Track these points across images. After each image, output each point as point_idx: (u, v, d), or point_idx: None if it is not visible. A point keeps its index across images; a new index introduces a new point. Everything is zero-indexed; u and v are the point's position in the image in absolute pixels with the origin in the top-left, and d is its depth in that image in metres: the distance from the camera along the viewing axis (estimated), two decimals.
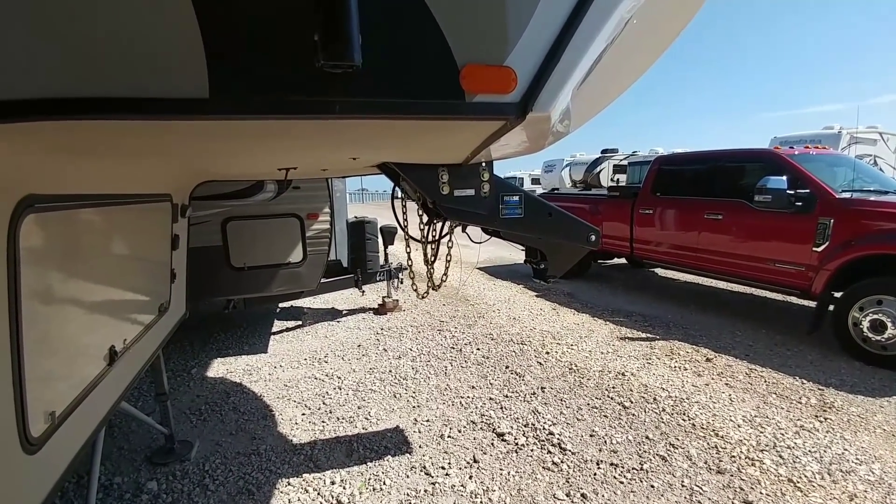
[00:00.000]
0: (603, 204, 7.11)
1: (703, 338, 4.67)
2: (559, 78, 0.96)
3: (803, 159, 4.93)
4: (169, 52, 0.74)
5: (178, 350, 4.41)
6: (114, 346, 1.68)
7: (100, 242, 1.65)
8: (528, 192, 2.14)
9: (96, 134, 0.94)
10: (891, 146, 10.87)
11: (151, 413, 2.98)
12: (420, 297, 2.79)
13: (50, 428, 1.23)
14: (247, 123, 0.90)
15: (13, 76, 0.69)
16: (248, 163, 1.95)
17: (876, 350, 3.90)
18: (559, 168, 18.33)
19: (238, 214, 4.01)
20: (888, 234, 3.94)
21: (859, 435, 2.89)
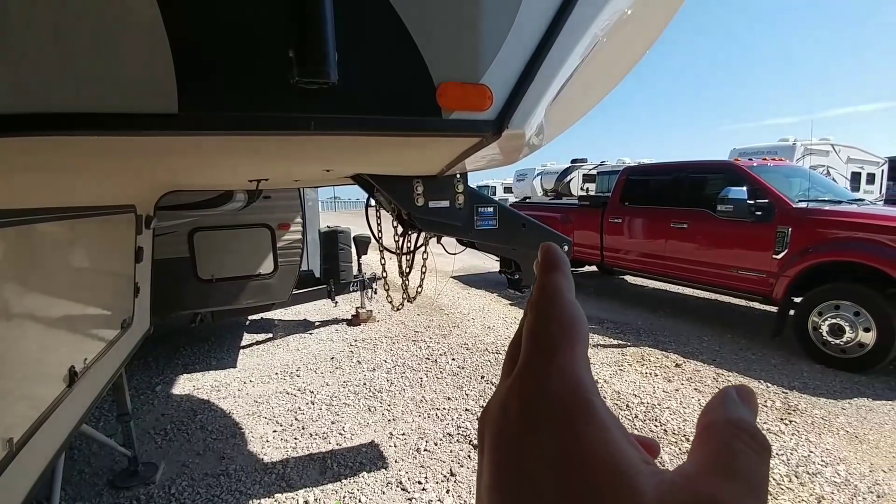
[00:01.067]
0: (574, 213, 7.25)
1: (672, 343, 4.79)
2: (534, 95, 0.97)
3: (762, 170, 5.15)
4: (135, 64, 0.71)
5: (142, 367, 4.23)
6: (73, 366, 1.59)
7: (58, 257, 1.57)
8: (502, 203, 2.16)
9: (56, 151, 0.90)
10: (842, 157, 11.48)
11: (113, 434, 2.84)
12: (395, 309, 2.76)
13: (7, 455, 1.16)
14: (217, 139, 0.88)
15: None
16: (217, 174, 1.90)
17: (835, 353, 4.08)
18: (531, 177, 18.63)
19: (206, 225, 3.90)
20: (843, 241, 4.14)
21: (823, 437, 3.01)
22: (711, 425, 0.23)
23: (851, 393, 3.63)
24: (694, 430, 0.49)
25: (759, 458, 0.21)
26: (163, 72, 0.70)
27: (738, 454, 0.21)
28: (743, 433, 0.22)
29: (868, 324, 3.87)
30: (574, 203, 7.84)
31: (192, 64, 0.71)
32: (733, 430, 0.22)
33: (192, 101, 0.73)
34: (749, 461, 0.21)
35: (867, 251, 3.95)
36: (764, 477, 0.21)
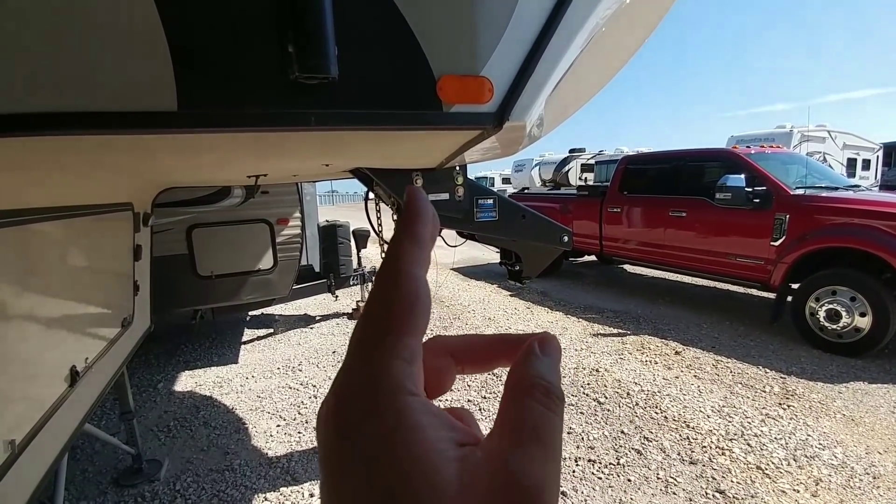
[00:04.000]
0: (573, 203, 7.24)
1: (671, 331, 4.82)
2: (534, 86, 0.97)
3: (759, 158, 5.15)
4: (133, 62, 0.70)
5: (144, 364, 4.24)
6: (75, 366, 1.59)
7: (57, 257, 1.56)
8: (501, 195, 2.15)
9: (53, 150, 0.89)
10: (838, 144, 11.48)
11: (117, 433, 2.85)
12: None
13: (10, 457, 1.16)
14: (217, 135, 0.87)
15: None
16: (216, 171, 1.89)
17: (832, 338, 4.11)
18: (529, 168, 18.58)
19: (204, 221, 3.89)
20: (840, 227, 4.16)
21: (821, 421, 3.04)
22: (510, 385, 0.23)
23: (848, 377, 3.67)
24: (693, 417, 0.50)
25: (549, 413, 0.21)
26: (161, 69, 0.70)
27: (530, 413, 0.21)
28: (536, 391, 0.22)
29: (864, 309, 3.90)
30: (573, 193, 7.83)
31: (191, 61, 0.71)
32: (527, 389, 0.22)
33: (192, 99, 0.72)
34: (540, 417, 0.21)
35: (863, 237, 3.97)
36: (557, 431, 0.21)
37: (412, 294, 0.23)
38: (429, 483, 0.19)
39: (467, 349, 0.29)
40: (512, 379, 0.23)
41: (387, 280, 0.23)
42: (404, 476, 0.19)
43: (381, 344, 0.22)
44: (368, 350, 0.22)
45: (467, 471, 0.19)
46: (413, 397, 0.21)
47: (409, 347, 0.22)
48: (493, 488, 0.19)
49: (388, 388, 0.21)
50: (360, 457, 0.20)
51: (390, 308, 0.23)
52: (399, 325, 0.22)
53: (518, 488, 0.19)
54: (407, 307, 0.23)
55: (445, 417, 0.22)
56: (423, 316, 0.23)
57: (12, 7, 0.62)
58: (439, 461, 0.19)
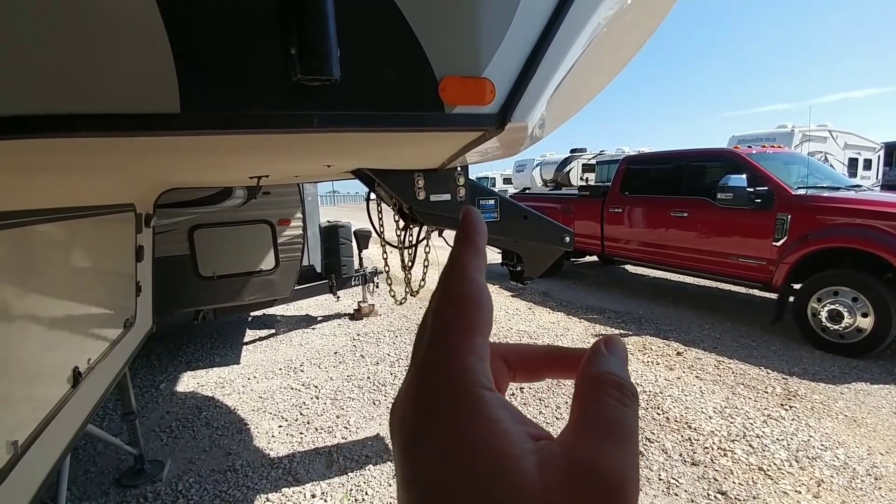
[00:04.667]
0: (574, 203, 7.24)
1: (673, 332, 4.81)
2: (536, 87, 0.97)
3: (761, 158, 5.14)
4: (135, 64, 0.70)
5: (146, 365, 4.24)
6: (77, 367, 1.60)
7: (59, 258, 1.57)
8: (503, 195, 2.15)
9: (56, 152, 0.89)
10: (839, 143, 11.46)
11: (119, 433, 2.85)
12: (398, 302, 2.77)
13: (13, 458, 1.16)
14: (219, 137, 0.87)
15: None
16: (218, 172, 1.89)
17: (834, 339, 4.10)
18: (530, 168, 18.58)
19: (206, 222, 3.89)
20: (842, 228, 4.15)
21: (823, 421, 3.03)
22: (581, 384, 0.24)
23: (850, 378, 3.66)
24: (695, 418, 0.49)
25: (624, 408, 0.22)
26: (163, 71, 0.70)
27: (605, 407, 0.22)
28: (608, 386, 0.23)
29: (866, 309, 3.89)
30: (574, 193, 7.83)
31: (194, 63, 0.71)
32: (599, 385, 0.23)
33: (194, 101, 0.72)
34: (615, 412, 0.22)
35: (865, 237, 3.96)
36: (632, 424, 0.22)
37: (479, 297, 0.25)
38: (510, 473, 0.19)
39: (519, 356, 0.30)
40: (582, 377, 0.24)
41: (456, 285, 0.26)
42: (485, 465, 0.20)
43: (457, 341, 0.24)
44: (445, 346, 0.24)
45: (546, 463, 0.20)
46: (489, 391, 0.22)
47: (481, 345, 0.24)
48: (572, 480, 0.19)
49: (466, 381, 0.22)
50: (443, 444, 0.21)
51: (461, 309, 0.24)
52: (470, 324, 0.24)
53: (599, 480, 0.19)
54: (476, 308, 0.25)
55: (518, 412, 0.23)
56: (489, 317, 0.25)
57: (13, 8, 0.62)
58: (518, 452, 0.20)
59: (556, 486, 0.19)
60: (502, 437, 0.21)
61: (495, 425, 0.21)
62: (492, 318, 0.25)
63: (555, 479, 0.19)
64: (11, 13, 0.62)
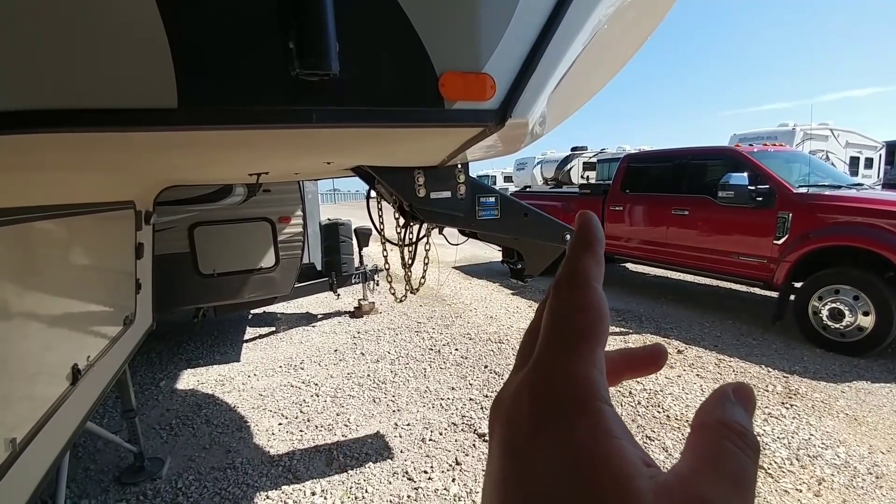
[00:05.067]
0: (575, 201, 7.23)
1: (673, 330, 4.80)
2: (537, 83, 0.96)
3: (762, 156, 5.13)
4: (133, 59, 0.70)
5: (146, 362, 4.24)
6: (77, 364, 1.59)
7: (59, 255, 1.56)
8: (503, 193, 2.15)
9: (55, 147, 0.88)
10: (841, 142, 11.43)
11: (119, 431, 2.85)
12: (398, 300, 2.76)
13: (11, 456, 1.16)
14: (218, 133, 0.86)
15: None
16: (217, 169, 1.88)
17: (835, 337, 4.09)
18: (531, 166, 18.55)
19: (206, 219, 3.89)
20: (843, 226, 4.14)
21: (824, 420, 3.03)
22: (704, 425, 0.23)
23: (851, 376, 3.65)
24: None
25: (747, 459, 0.21)
26: (161, 66, 0.69)
27: (728, 454, 0.21)
28: (733, 434, 0.22)
29: (867, 308, 3.88)
30: (575, 191, 7.82)
31: (191, 58, 0.70)
32: (724, 431, 0.22)
33: (192, 96, 0.72)
34: (738, 461, 0.21)
35: (866, 236, 3.95)
36: (752, 476, 0.21)
37: (602, 307, 0.25)
38: (626, 494, 0.19)
39: None
40: (702, 419, 0.23)
41: (580, 291, 0.25)
42: (603, 481, 0.20)
43: (579, 351, 0.23)
44: (567, 354, 0.23)
45: (662, 492, 0.20)
46: (608, 406, 0.22)
47: (601, 358, 0.24)
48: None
49: (587, 392, 0.22)
50: (561, 451, 0.21)
51: (591, 319, 0.24)
52: (593, 335, 0.24)
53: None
54: (599, 318, 0.25)
55: (631, 434, 0.23)
56: (608, 326, 0.25)
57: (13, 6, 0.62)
58: (636, 475, 0.20)
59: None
60: (621, 456, 0.20)
61: (615, 442, 0.21)
62: (608, 333, 0.25)
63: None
64: (11, 11, 0.62)
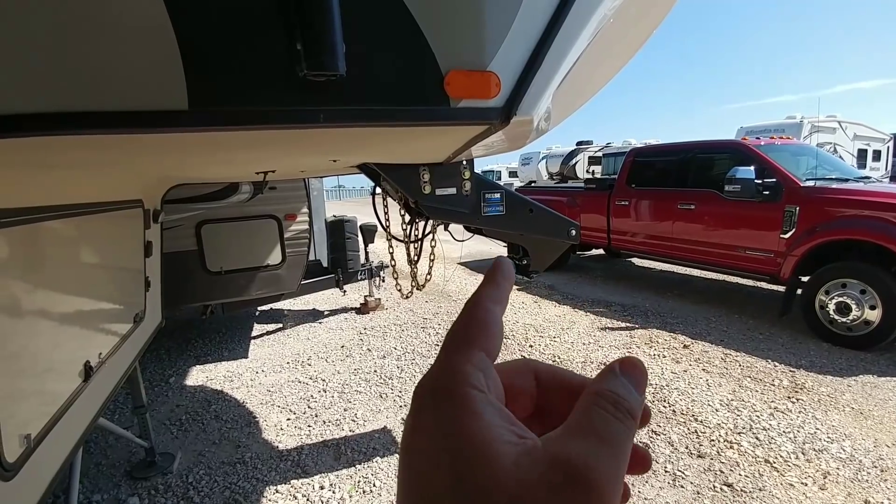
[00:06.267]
0: (580, 196, 7.21)
1: (679, 325, 4.80)
2: (542, 80, 0.96)
3: (769, 149, 5.09)
4: (144, 62, 0.71)
5: (155, 359, 4.29)
6: (89, 361, 1.62)
7: (70, 254, 1.59)
8: (508, 189, 2.15)
9: (66, 149, 0.90)
10: (849, 134, 11.30)
11: (130, 426, 2.89)
12: (404, 296, 2.78)
13: (26, 451, 1.18)
14: (227, 134, 0.87)
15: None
16: (225, 167, 1.90)
17: (842, 331, 4.08)
18: (536, 161, 18.46)
19: (213, 217, 3.91)
20: (850, 220, 4.11)
21: (830, 414, 3.02)
22: (583, 396, 0.25)
23: (857, 370, 3.64)
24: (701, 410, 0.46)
25: (616, 420, 0.23)
26: (171, 69, 0.70)
27: (595, 416, 0.24)
28: (603, 399, 0.24)
29: (874, 301, 3.87)
30: (580, 186, 7.80)
31: (201, 60, 0.71)
32: (595, 398, 0.24)
33: (202, 97, 0.72)
34: (604, 421, 0.23)
35: (874, 229, 3.92)
36: (620, 434, 0.23)
37: (487, 320, 0.28)
38: (486, 459, 0.21)
39: (553, 378, 0.31)
40: (586, 391, 0.26)
41: (470, 308, 0.29)
42: (467, 449, 0.22)
43: (458, 350, 0.27)
44: (446, 354, 0.27)
45: (525, 455, 0.22)
46: (477, 391, 0.24)
47: (479, 357, 0.26)
48: (548, 474, 0.21)
49: (456, 379, 0.25)
50: (433, 430, 0.23)
51: (468, 326, 0.28)
52: (472, 339, 0.27)
53: (575, 477, 0.21)
54: (482, 328, 0.28)
55: (508, 415, 0.25)
56: (494, 339, 0.28)
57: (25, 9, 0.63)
58: (499, 442, 0.22)
59: (531, 478, 0.20)
60: (484, 429, 0.22)
61: (478, 418, 0.23)
62: (498, 342, 0.28)
63: (531, 471, 0.21)
64: (24, 14, 0.63)
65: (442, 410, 0.24)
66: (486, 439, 0.22)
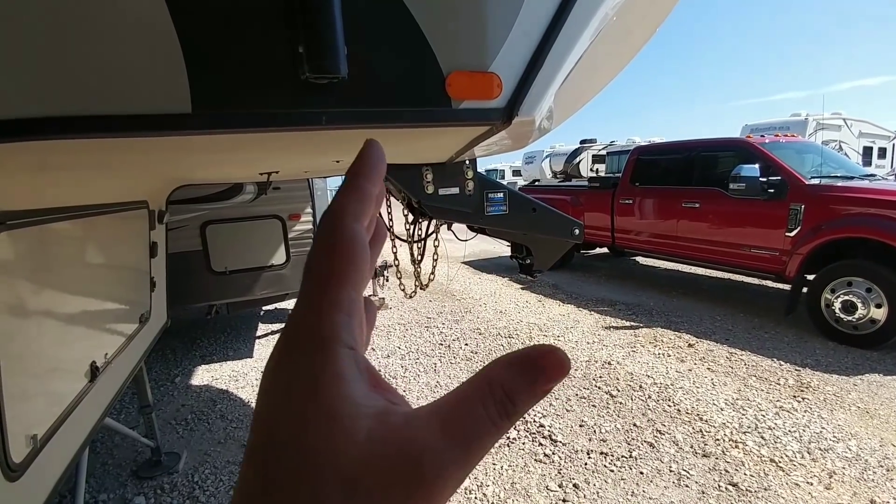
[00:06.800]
0: (584, 195, 7.20)
1: (684, 324, 4.78)
2: (544, 80, 0.96)
3: (774, 147, 5.06)
4: (147, 66, 0.71)
5: (161, 359, 4.31)
6: (94, 362, 1.63)
7: (76, 255, 1.60)
8: (511, 188, 2.15)
9: (70, 152, 0.91)
10: (854, 132, 11.22)
11: (136, 426, 2.91)
12: (408, 296, 2.78)
13: (32, 452, 1.19)
14: (230, 136, 0.88)
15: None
16: (229, 169, 1.91)
17: (848, 330, 4.05)
18: (539, 159, 18.41)
19: (217, 218, 3.93)
20: (856, 217, 4.08)
21: (835, 413, 3.01)
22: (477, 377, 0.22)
23: (863, 369, 3.62)
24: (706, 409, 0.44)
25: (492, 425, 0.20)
26: (175, 72, 0.71)
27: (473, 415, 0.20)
28: (492, 398, 0.21)
29: (880, 300, 3.84)
30: (584, 185, 7.78)
31: (204, 63, 0.71)
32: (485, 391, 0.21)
33: (205, 100, 0.73)
34: (479, 424, 0.20)
35: (879, 227, 3.90)
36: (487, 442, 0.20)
37: (352, 248, 0.23)
38: (331, 432, 0.19)
39: None
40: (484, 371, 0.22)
41: (329, 233, 0.24)
42: (315, 415, 0.20)
43: (324, 295, 0.23)
44: (312, 299, 0.23)
45: (379, 430, 0.20)
46: (345, 349, 0.22)
47: (350, 299, 0.23)
48: (398, 459, 0.19)
49: (323, 336, 0.22)
50: (291, 385, 0.21)
51: (332, 261, 0.23)
52: (340, 278, 0.23)
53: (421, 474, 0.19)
54: (348, 260, 0.23)
55: (375, 377, 0.23)
56: (363, 269, 0.24)
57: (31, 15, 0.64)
58: (354, 413, 0.20)
59: (379, 457, 0.19)
60: (343, 396, 0.20)
61: (341, 384, 0.21)
62: (367, 270, 0.24)
63: (382, 449, 0.19)
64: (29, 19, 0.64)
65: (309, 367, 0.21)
66: (341, 411, 0.20)
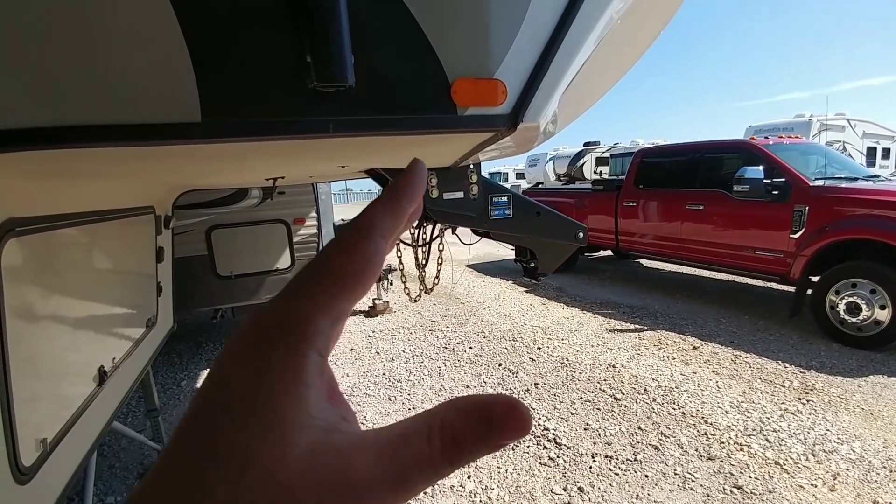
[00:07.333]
0: (588, 197, 7.19)
1: (689, 326, 4.77)
2: (548, 86, 0.97)
3: (778, 149, 5.05)
4: (157, 75, 0.73)
5: (167, 363, 4.34)
6: (103, 366, 1.65)
7: (84, 260, 1.62)
8: (515, 192, 2.16)
9: (81, 160, 0.92)
10: (858, 132, 11.18)
11: (143, 430, 2.93)
12: (412, 300, 2.79)
13: (42, 455, 1.20)
14: (237, 144, 0.89)
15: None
16: (236, 175, 1.93)
17: (852, 331, 4.04)
18: (543, 162, 18.42)
19: (222, 222, 3.95)
20: (860, 219, 4.07)
21: (840, 415, 2.99)
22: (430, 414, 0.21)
23: (867, 371, 3.60)
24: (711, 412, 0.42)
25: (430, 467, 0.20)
26: (185, 82, 0.72)
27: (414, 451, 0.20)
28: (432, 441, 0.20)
29: (884, 301, 3.83)
30: (587, 187, 7.78)
31: (213, 73, 0.73)
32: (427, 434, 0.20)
33: (215, 109, 0.74)
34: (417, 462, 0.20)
35: (884, 229, 3.88)
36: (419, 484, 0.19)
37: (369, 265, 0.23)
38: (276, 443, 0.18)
39: None
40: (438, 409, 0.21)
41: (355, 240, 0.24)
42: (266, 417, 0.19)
43: (322, 293, 0.22)
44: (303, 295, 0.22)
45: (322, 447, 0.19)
46: (317, 356, 0.21)
47: (341, 310, 0.23)
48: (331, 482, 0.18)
49: (303, 335, 0.21)
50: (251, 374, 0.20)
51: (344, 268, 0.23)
52: (344, 286, 0.23)
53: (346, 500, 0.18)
54: (359, 274, 0.23)
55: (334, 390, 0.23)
56: (368, 288, 0.24)
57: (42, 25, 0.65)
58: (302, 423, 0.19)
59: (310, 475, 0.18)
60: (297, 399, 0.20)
61: (300, 387, 0.20)
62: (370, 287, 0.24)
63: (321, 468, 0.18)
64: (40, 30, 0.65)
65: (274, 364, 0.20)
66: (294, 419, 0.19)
